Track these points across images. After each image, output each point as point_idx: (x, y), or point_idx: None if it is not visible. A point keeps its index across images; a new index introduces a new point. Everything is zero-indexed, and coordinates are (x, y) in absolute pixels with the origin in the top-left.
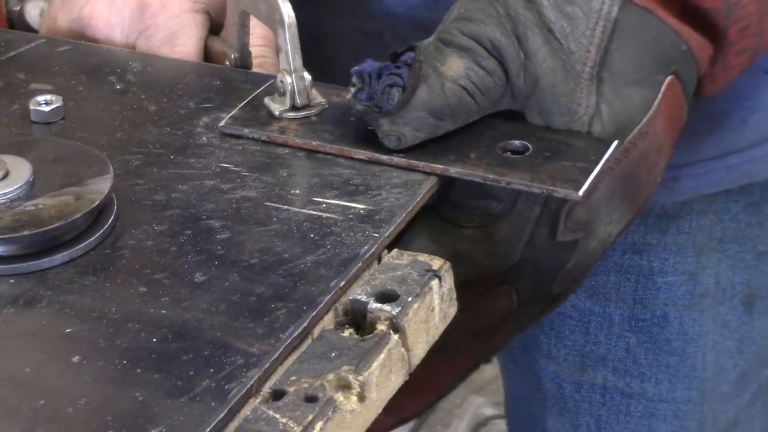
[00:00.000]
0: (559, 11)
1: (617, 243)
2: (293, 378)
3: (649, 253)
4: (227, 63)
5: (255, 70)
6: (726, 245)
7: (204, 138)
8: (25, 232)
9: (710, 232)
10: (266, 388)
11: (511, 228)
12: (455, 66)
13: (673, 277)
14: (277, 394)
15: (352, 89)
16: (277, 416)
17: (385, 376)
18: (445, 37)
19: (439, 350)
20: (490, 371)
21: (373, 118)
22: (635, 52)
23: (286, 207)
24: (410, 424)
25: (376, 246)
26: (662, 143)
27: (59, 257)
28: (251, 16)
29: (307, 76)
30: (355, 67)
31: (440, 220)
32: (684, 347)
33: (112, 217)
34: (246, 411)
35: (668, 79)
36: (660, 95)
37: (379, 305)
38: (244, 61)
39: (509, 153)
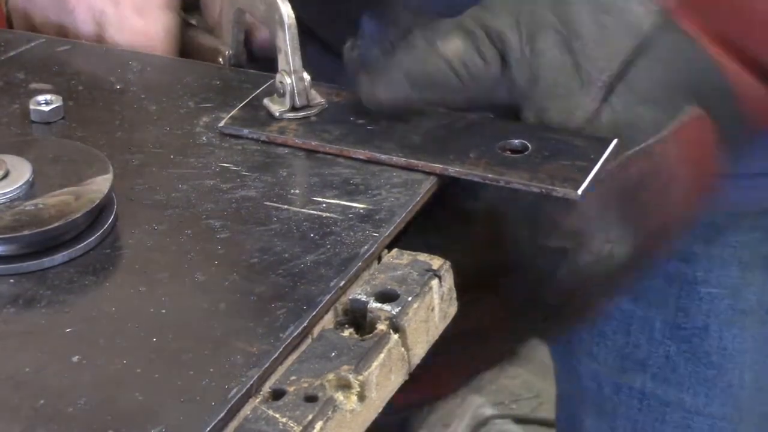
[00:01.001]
0: (593, 18)
1: None
2: (293, 378)
3: (694, 262)
4: (220, 60)
5: None
6: None
7: (204, 138)
8: (25, 232)
9: (756, 249)
10: (266, 388)
11: (495, 228)
12: (453, 45)
13: (716, 289)
14: (277, 394)
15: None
16: (277, 416)
17: (384, 375)
18: (460, 20)
19: (435, 354)
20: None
21: (355, 73)
22: (659, 72)
23: (286, 207)
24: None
25: (376, 245)
26: (675, 173)
27: (59, 257)
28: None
29: (306, 76)
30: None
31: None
32: (722, 362)
33: (112, 217)
34: (246, 411)
35: (694, 109)
36: (677, 122)
37: (379, 305)
38: (238, 58)
39: (509, 152)
